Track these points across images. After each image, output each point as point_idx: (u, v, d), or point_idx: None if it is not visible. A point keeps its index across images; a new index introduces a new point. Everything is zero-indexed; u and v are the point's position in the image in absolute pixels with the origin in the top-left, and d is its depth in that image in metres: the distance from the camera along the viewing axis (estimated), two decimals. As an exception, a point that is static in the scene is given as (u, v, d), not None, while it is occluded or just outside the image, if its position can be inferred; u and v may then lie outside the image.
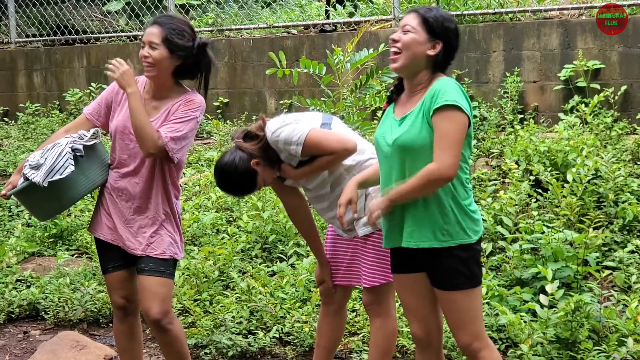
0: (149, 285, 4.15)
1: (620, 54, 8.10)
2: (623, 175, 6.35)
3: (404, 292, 3.79)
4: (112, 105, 4.27)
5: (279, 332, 5.28)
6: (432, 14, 3.57)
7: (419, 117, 3.52)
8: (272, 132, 4.12)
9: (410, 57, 3.55)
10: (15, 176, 4.14)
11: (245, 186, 4.17)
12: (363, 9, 10.64)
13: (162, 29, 4.11)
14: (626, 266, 5.52)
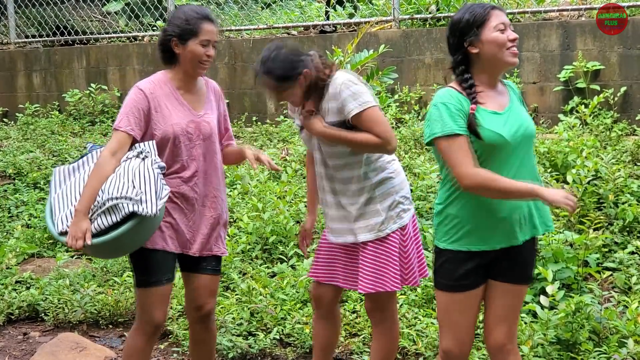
0: (209, 283, 4.22)
1: (620, 55, 8.10)
2: (623, 177, 6.36)
3: (461, 310, 3.64)
4: (149, 112, 3.98)
5: (280, 334, 5.28)
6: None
7: (522, 108, 3.64)
8: (343, 81, 3.99)
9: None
10: (82, 223, 3.70)
11: (284, 68, 4.03)
12: (363, 10, 10.64)
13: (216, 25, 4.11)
14: (626, 267, 5.52)
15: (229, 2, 11.84)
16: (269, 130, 9.67)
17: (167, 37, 4.04)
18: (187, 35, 4.00)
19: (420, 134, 8.30)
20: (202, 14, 4.05)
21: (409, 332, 5.04)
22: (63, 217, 3.78)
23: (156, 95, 4.00)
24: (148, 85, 4.02)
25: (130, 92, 4.01)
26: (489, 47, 3.51)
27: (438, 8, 9.43)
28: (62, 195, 3.85)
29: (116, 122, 3.93)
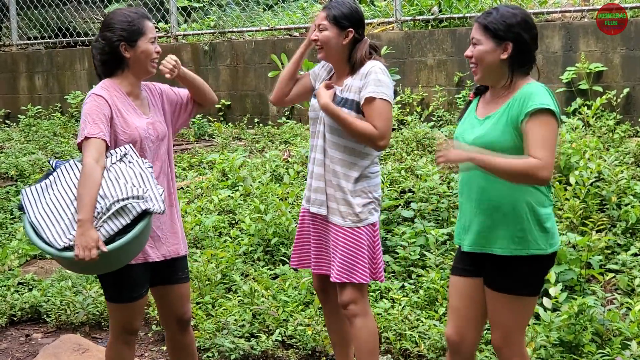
0: (185, 291, 4.19)
1: (623, 57, 8.09)
2: (626, 178, 6.35)
3: (456, 295, 3.78)
4: (112, 118, 3.86)
5: (282, 336, 5.26)
6: (491, 18, 3.53)
7: (503, 120, 3.48)
8: (380, 66, 4.14)
9: (485, 68, 3.55)
10: (90, 232, 3.55)
11: (345, 13, 4.17)
12: (365, 11, 10.63)
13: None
14: (629, 269, 5.51)
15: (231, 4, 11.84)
16: (270, 132, 9.66)
17: (114, 43, 3.91)
18: (135, 36, 3.92)
19: (422, 135, 8.30)
20: (140, 13, 4.01)
21: (412, 334, 5.03)
22: (58, 232, 3.63)
23: (113, 100, 3.89)
24: (104, 91, 3.89)
25: (89, 100, 3.86)
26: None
27: (440, 9, 9.43)
28: (44, 212, 3.69)
29: (84, 131, 3.76)
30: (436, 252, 5.83)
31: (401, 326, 5.12)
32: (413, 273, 5.83)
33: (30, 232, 3.66)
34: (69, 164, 3.82)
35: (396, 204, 6.62)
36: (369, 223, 4.22)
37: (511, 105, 3.48)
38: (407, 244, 5.98)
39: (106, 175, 3.69)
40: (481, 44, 3.55)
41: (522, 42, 3.52)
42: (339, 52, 4.23)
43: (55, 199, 3.71)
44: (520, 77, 3.56)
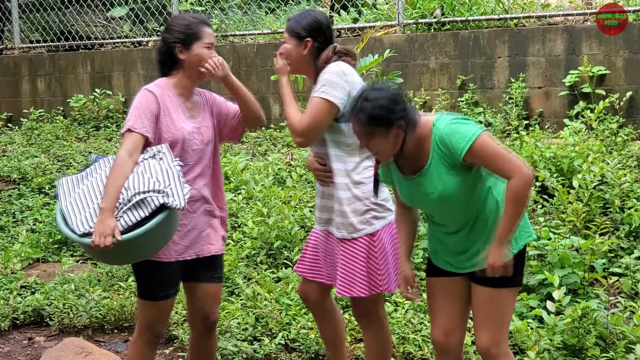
0: (214, 292, 4.24)
1: (626, 60, 8.09)
2: (629, 182, 6.35)
3: (436, 296, 3.83)
4: (159, 115, 3.97)
5: (285, 339, 5.26)
6: (368, 108, 3.55)
7: (443, 171, 3.54)
8: (333, 68, 4.10)
9: (387, 155, 3.64)
10: (109, 220, 3.64)
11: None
12: (367, 14, 10.64)
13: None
14: (633, 272, 5.50)
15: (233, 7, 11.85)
16: (273, 135, 9.66)
17: (170, 45, 4.05)
18: (191, 39, 4.04)
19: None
20: (200, 18, 4.13)
21: (415, 337, 5.03)
22: (82, 219, 3.73)
23: (164, 99, 4.00)
24: (156, 89, 4.02)
25: (140, 94, 4.00)
26: None
27: (443, 12, 9.43)
28: (74, 201, 3.81)
29: (129, 123, 3.89)
30: (439, 256, 5.82)
31: (404, 330, 5.12)
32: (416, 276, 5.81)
33: (58, 217, 3.78)
34: (107, 159, 3.94)
35: (399, 207, 6.61)
36: (367, 233, 4.10)
37: (437, 155, 3.54)
38: (410, 247, 5.97)
39: (135, 169, 3.79)
40: (381, 145, 3.57)
41: (398, 121, 3.55)
42: (302, 63, 4.22)
43: (87, 189, 3.82)
44: (412, 131, 3.58)
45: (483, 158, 3.47)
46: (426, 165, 3.56)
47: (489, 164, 3.48)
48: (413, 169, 3.62)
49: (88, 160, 8.83)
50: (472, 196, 3.58)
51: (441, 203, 3.58)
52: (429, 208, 3.72)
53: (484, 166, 3.52)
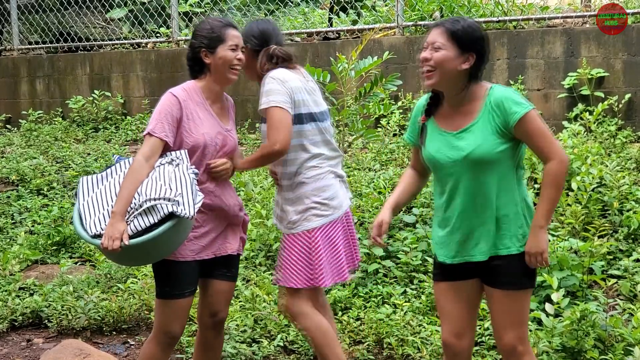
0: (226, 290, 4.32)
1: (624, 62, 8.10)
2: (627, 184, 6.35)
3: (445, 300, 3.80)
4: (181, 119, 4.00)
5: (284, 341, 5.26)
6: (459, 27, 3.54)
7: (487, 129, 3.53)
8: (272, 75, 4.25)
9: (444, 74, 3.55)
10: (119, 224, 3.70)
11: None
12: (366, 16, 10.65)
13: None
14: (631, 275, 5.50)
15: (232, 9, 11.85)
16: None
17: (195, 50, 4.12)
18: (214, 43, 4.10)
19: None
20: (225, 21, 4.19)
21: (414, 339, 5.02)
22: (95, 221, 3.79)
23: (188, 103, 4.03)
24: (181, 92, 4.04)
25: (164, 97, 4.02)
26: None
27: (442, 15, 9.44)
28: (91, 201, 3.86)
29: (150, 126, 3.93)
30: (438, 258, 5.82)
31: (403, 332, 5.12)
32: (415, 279, 5.83)
33: (75, 217, 3.84)
34: (127, 161, 3.99)
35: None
36: (305, 229, 4.25)
37: (487, 113, 3.54)
38: (409, 250, 5.98)
39: (150, 173, 3.85)
40: (444, 49, 3.54)
41: (483, 55, 3.60)
42: (251, 70, 4.43)
43: (104, 190, 3.88)
44: (474, 84, 3.61)
45: (531, 131, 3.49)
46: (472, 122, 3.56)
47: (534, 139, 3.50)
48: (456, 125, 3.62)
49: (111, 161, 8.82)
50: (498, 170, 3.55)
51: (466, 164, 3.55)
52: (450, 169, 3.62)
53: (528, 141, 3.52)
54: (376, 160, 8.26)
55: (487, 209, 3.58)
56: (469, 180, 3.58)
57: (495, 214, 3.57)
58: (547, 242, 3.55)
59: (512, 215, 3.58)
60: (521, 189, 3.63)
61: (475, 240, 3.63)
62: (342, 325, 5.32)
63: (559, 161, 3.49)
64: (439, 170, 3.68)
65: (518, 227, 3.59)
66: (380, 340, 5.18)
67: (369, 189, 7.21)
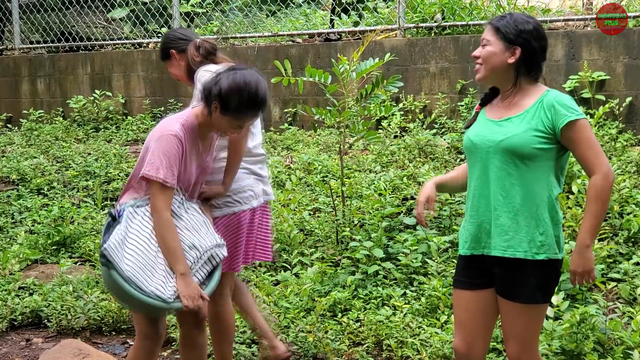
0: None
1: (626, 66, 8.09)
2: (628, 187, 6.35)
3: (461, 308, 3.77)
4: (180, 159, 3.93)
5: (283, 342, 5.25)
6: (504, 22, 3.57)
7: (531, 124, 3.50)
8: (200, 72, 4.46)
9: (490, 68, 3.58)
10: (192, 283, 3.88)
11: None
12: (368, 18, 10.65)
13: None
14: (631, 278, 5.50)
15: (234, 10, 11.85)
16: (273, 137, 9.66)
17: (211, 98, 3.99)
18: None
19: (424, 143, 8.30)
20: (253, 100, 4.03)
21: (413, 341, 5.02)
22: (158, 283, 3.81)
23: (186, 144, 3.93)
24: (181, 131, 3.88)
25: (168, 139, 3.85)
26: None
27: (443, 17, 9.44)
28: (136, 265, 3.79)
29: (160, 173, 3.82)
30: (438, 260, 5.82)
31: (403, 334, 5.11)
32: (415, 280, 5.82)
33: (124, 284, 3.74)
34: (130, 212, 3.89)
35: (398, 211, 6.62)
36: (215, 216, 4.34)
37: (538, 110, 3.52)
38: (409, 251, 5.98)
39: (181, 224, 3.94)
40: (490, 45, 3.57)
41: (531, 49, 3.57)
42: (183, 72, 4.75)
43: (141, 251, 3.82)
44: (529, 82, 3.60)
45: (579, 140, 3.45)
46: (517, 114, 3.56)
47: (581, 149, 3.46)
48: (501, 115, 3.62)
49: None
50: (531, 167, 3.51)
51: (499, 151, 3.53)
52: (483, 154, 3.60)
53: (574, 149, 3.48)
54: (377, 162, 8.27)
55: (507, 204, 3.54)
56: (497, 168, 3.55)
57: (516, 211, 3.53)
58: (593, 261, 3.52)
59: (536, 219, 3.52)
60: (553, 197, 3.54)
61: (488, 234, 3.60)
62: (341, 326, 5.32)
63: (604, 176, 3.42)
64: (473, 155, 3.67)
65: (540, 234, 3.51)
66: (379, 342, 5.18)
67: (369, 191, 7.21)
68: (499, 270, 3.61)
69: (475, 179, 3.65)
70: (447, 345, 4.81)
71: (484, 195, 3.61)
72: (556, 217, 3.55)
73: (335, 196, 6.89)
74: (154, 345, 4.16)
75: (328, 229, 6.66)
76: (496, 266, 3.61)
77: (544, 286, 3.57)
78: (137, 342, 4.18)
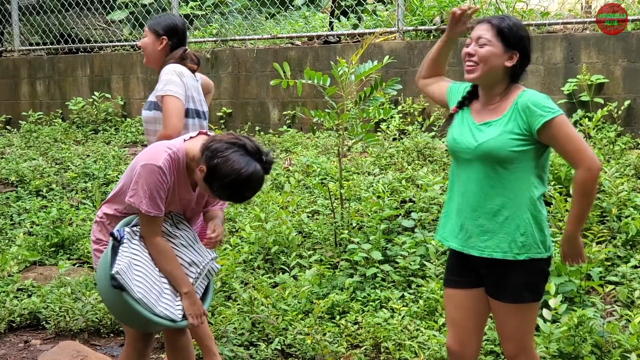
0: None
1: (624, 69, 8.10)
2: (626, 190, 6.35)
3: (452, 307, 3.79)
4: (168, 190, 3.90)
5: (281, 344, 5.26)
6: (506, 23, 3.56)
7: (508, 127, 3.51)
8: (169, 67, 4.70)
9: (488, 69, 3.56)
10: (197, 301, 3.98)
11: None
12: (367, 21, 10.65)
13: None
14: (629, 281, 5.50)
15: (233, 12, 11.86)
16: (271, 140, 9.67)
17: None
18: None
19: (423, 145, 8.30)
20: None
21: (411, 344, 5.02)
22: (167, 304, 3.88)
23: (173, 178, 3.89)
24: (167, 165, 3.82)
25: (154, 171, 3.80)
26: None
27: (442, 20, 9.44)
28: (146, 289, 3.82)
29: (144, 205, 3.79)
30: (436, 262, 5.83)
31: (401, 336, 5.12)
32: (413, 283, 5.83)
33: (139, 308, 3.77)
34: (129, 233, 3.89)
35: (397, 213, 6.62)
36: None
37: (513, 113, 3.52)
38: (407, 254, 5.98)
39: (177, 242, 3.99)
40: (490, 45, 3.55)
41: (527, 55, 3.62)
42: (153, 57, 4.86)
43: (146, 273, 3.86)
44: (516, 87, 3.62)
45: (559, 137, 3.45)
46: (497, 118, 3.56)
47: (563, 145, 3.46)
48: (483, 118, 3.62)
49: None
50: (511, 170, 3.51)
51: (478, 154, 3.54)
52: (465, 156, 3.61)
53: (556, 147, 3.49)
54: (375, 165, 8.27)
55: (486, 205, 3.55)
56: (477, 170, 3.56)
57: (495, 212, 3.54)
58: (582, 246, 3.59)
59: (516, 220, 3.53)
60: (535, 197, 3.55)
61: (469, 234, 3.62)
62: (339, 329, 5.32)
63: (587, 168, 3.42)
64: (455, 155, 3.69)
65: (520, 234, 3.52)
66: (377, 344, 5.18)
67: (368, 193, 7.21)
68: (484, 271, 3.64)
69: (457, 178, 3.69)
70: (445, 348, 4.81)
71: (465, 195, 3.63)
72: (539, 217, 3.56)
73: (334, 198, 6.89)
74: (145, 347, 4.20)
75: (326, 231, 6.66)
76: (482, 266, 3.63)
77: (531, 285, 3.58)
78: (127, 344, 4.21)
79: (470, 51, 3.59)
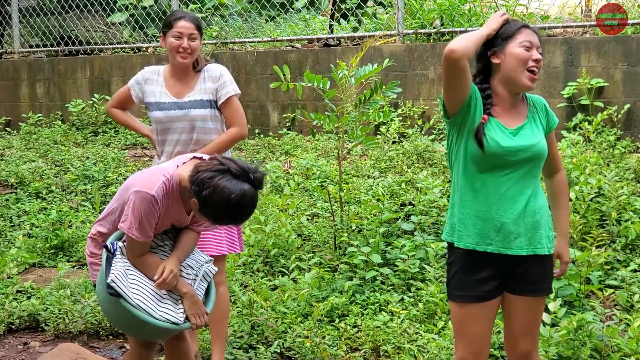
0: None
1: (624, 73, 8.11)
2: (626, 194, 6.35)
3: (476, 323, 3.69)
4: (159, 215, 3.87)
5: (280, 347, 5.25)
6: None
7: (538, 129, 3.64)
8: (220, 68, 5.10)
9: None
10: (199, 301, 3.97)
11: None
12: (367, 24, 10.66)
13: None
14: (629, 285, 5.50)
15: (233, 15, 11.87)
16: (271, 142, 9.67)
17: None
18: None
19: (423, 149, 8.30)
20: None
21: (410, 347, 5.02)
22: (169, 309, 3.88)
23: (166, 206, 3.86)
24: (161, 193, 3.78)
25: (147, 199, 3.75)
26: (509, 60, 3.55)
27: (442, 23, 9.46)
28: (144, 296, 3.83)
29: (134, 232, 3.77)
30: (436, 266, 5.82)
31: (400, 339, 5.11)
32: (412, 286, 5.82)
33: (137, 312, 3.77)
34: (121, 247, 3.90)
35: (396, 216, 6.62)
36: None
37: (534, 114, 3.67)
38: (407, 257, 5.98)
39: (166, 250, 4.00)
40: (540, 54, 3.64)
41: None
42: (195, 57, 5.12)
43: (142, 283, 3.86)
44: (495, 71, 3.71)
45: (553, 139, 3.73)
46: (525, 121, 3.62)
47: (553, 147, 3.74)
48: (514, 123, 3.62)
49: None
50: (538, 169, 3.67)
51: (526, 159, 3.56)
52: (509, 161, 3.55)
53: (550, 148, 3.68)
54: (375, 168, 8.27)
55: (533, 204, 3.60)
56: (524, 172, 3.59)
57: (537, 210, 3.60)
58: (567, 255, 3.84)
59: (545, 216, 3.66)
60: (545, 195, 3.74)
61: (514, 234, 3.59)
62: (339, 332, 5.32)
63: (564, 172, 3.80)
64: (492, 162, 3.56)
65: (549, 229, 3.66)
66: (377, 347, 5.17)
67: (367, 196, 7.21)
68: (522, 269, 3.63)
69: (486, 183, 3.59)
70: (444, 352, 4.81)
71: (505, 196, 3.57)
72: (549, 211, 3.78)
73: (334, 201, 6.89)
74: (149, 352, 4.21)
75: (326, 234, 6.66)
76: (519, 265, 3.62)
77: (552, 276, 3.77)
78: (131, 349, 4.24)
79: (539, 57, 3.58)
